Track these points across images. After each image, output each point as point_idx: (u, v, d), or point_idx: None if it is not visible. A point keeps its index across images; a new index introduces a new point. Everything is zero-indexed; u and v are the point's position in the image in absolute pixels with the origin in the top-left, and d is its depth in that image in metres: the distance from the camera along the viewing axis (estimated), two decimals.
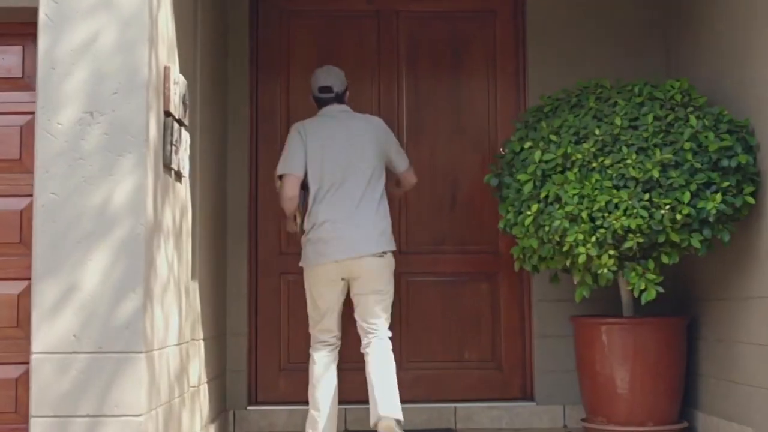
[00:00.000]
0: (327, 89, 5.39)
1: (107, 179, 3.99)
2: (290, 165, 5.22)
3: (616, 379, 5.36)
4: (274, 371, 6.25)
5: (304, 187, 5.30)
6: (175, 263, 4.60)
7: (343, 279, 5.20)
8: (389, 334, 5.23)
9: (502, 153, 5.81)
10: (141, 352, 3.93)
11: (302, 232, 5.32)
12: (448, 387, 6.29)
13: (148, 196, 4.02)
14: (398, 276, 6.30)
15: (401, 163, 5.45)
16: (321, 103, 5.44)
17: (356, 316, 5.25)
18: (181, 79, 4.57)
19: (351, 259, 5.12)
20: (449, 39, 6.45)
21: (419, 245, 6.36)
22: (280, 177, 5.27)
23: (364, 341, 5.23)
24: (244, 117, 6.27)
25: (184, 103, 4.58)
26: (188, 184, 4.92)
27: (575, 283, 5.32)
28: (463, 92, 6.42)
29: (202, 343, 5.25)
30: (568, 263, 5.17)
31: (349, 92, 5.66)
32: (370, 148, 5.26)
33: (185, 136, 4.66)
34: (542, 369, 6.19)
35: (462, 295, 6.33)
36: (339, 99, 5.42)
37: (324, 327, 5.29)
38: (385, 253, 5.17)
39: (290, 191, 5.19)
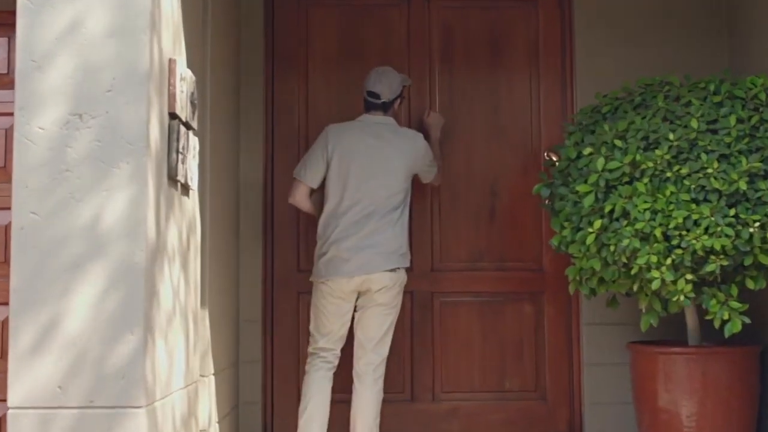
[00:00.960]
0: (374, 95, 5.00)
1: (99, 195, 3.26)
2: (305, 173, 4.96)
3: (681, 415, 4.68)
4: (292, 402, 5.48)
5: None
6: (181, 290, 3.86)
7: (353, 292, 4.89)
8: (382, 370, 4.95)
9: (552, 159, 5.09)
10: (140, 407, 3.20)
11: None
12: (486, 420, 5.56)
13: (149, 215, 3.28)
14: (430, 296, 5.58)
15: (427, 177, 5.19)
16: (365, 107, 5.07)
17: (357, 331, 4.96)
18: (189, 74, 3.84)
19: (361, 276, 4.83)
20: (487, 29, 5.71)
21: (454, 262, 5.62)
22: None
23: (356, 367, 4.96)
24: (258, 117, 5.54)
25: (192, 102, 3.84)
26: (197, 198, 4.18)
27: (642, 310, 4.57)
28: (503, 89, 5.68)
29: (212, 378, 4.51)
30: (634, 287, 4.43)
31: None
32: (402, 170, 4.94)
33: (193, 141, 3.92)
34: (592, 401, 5.46)
35: (502, 318, 5.60)
36: (385, 108, 5.03)
37: (323, 345, 4.94)
38: (397, 269, 4.89)
39: (293, 198, 5.01)
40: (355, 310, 4.96)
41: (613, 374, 5.43)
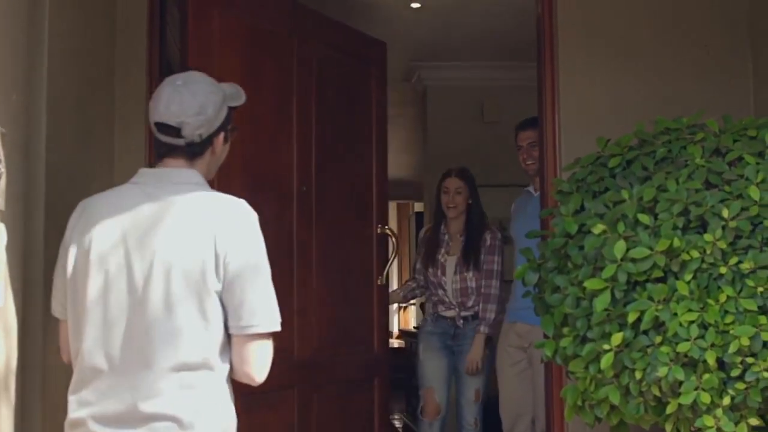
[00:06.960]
0: (165, 128, 2.41)
1: None
2: None
3: None
4: None
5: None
6: None
7: None
8: None
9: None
10: None
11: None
12: None
13: None
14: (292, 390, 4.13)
15: (248, 315, 2.33)
16: (156, 154, 2.49)
17: None
18: None
19: None
20: (342, 82, 4.53)
21: (316, 349, 4.23)
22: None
23: None
24: (138, 156, 3.77)
25: None
26: (13, 320, 2.46)
27: None
28: (353, 154, 4.60)
29: None
30: (667, 427, 2.88)
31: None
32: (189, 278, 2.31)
33: None
34: None
35: (349, 411, 4.46)
36: (190, 150, 2.43)
37: None
38: None
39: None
40: None
41: None
